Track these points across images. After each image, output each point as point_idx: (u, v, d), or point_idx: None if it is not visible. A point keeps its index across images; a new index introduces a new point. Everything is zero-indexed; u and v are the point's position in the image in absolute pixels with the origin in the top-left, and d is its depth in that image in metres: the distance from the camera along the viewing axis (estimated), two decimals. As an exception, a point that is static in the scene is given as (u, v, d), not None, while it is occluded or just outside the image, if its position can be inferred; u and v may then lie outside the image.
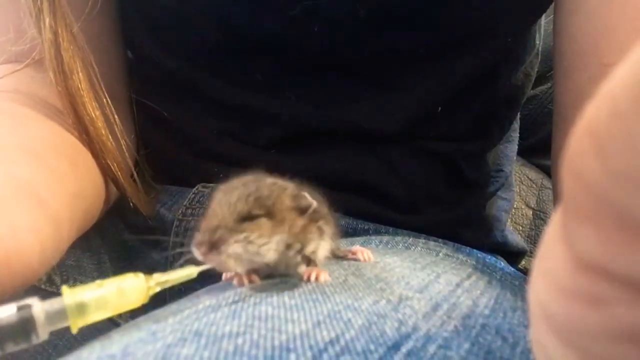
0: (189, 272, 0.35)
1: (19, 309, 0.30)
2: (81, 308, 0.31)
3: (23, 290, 0.35)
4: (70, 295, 0.31)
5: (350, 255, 0.45)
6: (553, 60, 0.57)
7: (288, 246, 0.37)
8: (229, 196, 0.36)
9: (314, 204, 0.37)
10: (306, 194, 0.37)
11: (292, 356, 0.27)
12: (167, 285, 0.35)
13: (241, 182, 0.37)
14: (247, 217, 0.35)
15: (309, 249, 0.37)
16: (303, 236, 0.37)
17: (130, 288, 0.33)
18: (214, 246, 0.34)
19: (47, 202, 0.41)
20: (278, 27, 0.56)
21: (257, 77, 0.60)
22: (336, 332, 0.30)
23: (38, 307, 0.30)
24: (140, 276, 0.33)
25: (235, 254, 0.35)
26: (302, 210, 0.37)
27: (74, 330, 0.31)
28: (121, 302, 0.33)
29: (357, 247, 0.46)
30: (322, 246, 0.39)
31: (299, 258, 0.38)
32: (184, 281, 0.35)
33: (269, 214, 0.36)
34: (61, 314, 0.31)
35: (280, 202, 0.37)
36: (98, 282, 0.32)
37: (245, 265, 0.36)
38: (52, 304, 0.31)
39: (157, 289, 0.34)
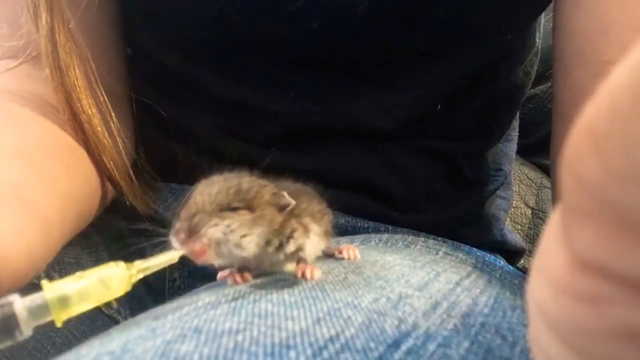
0: (171, 256, 0.35)
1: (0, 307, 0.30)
2: (63, 301, 0.31)
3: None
4: (51, 289, 0.31)
5: (337, 254, 0.45)
6: (553, 58, 0.57)
7: (268, 242, 0.36)
8: (209, 188, 0.36)
9: (293, 202, 0.37)
10: (285, 193, 0.37)
11: (292, 353, 0.27)
12: (149, 272, 0.34)
13: (222, 177, 0.37)
14: (227, 209, 0.35)
15: (290, 247, 0.37)
16: (283, 233, 0.37)
17: (111, 277, 0.32)
18: (192, 232, 0.34)
19: (35, 205, 0.41)
20: (277, 23, 0.56)
21: (256, 74, 0.59)
22: (336, 329, 0.30)
23: (19, 303, 0.30)
24: (121, 264, 0.33)
25: (214, 239, 0.34)
26: (281, 208, 0.37)
27: (59, 324, 0.31)
28: (103, 292, 0.32)
29: (343, 245, 0.45)
30: (309, 244, 0.38)
31: (281, 256, 0.37)
32: (166, 266, 0.35)
33: (249, 208, 0.36)
34: (43, 308, 0.30)
35: (260, 197, 0.36)
36: (79, 273, 0.32)
37: (225, 258, 0.36)
38: (34, 299, 0.30)
39: (140, 276, 0.34)
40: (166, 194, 0.64)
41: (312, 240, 0.39)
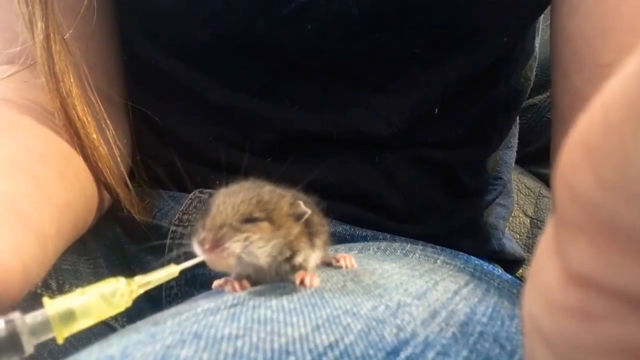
0: (171, 271, 0.35)
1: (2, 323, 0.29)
2: (65, 318, 0.31)
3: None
4: (53, 306, 0.31)
5: (334, 263, 0.45)
6: (551, 62, 0.57)
7: (281, 252, 0.37)
8: (232, 198, 0.37)
9: (309, 211, 0.38)
10: (301, 202, 0.38)
11: (292, 359, 0.27)
12: (150, 287, 0.34)
13: (243, 187, 0.38)
14: (249, 219, 0.36)
15: (298, 259, 0.38)
16: (296, 245, 0.38)
17: (112, 293, 0.33)
18: (217, 243, 0.35)
19: (31, 218, 0.41)
20: (270, 28, 0.56)
21: (251, 79, 0.60)
22: (335, 336, 0.30)
23: (20, 321, 0.30)
24: (121, 280, 0.33)
25: (235, 253, 0.35)
26: (297, 217, 0.38)
27: (60, 341, 0.31)
28: (105, 308, 0.32)
29: (340, 254, 0.46)
30: (312, 257, 0.40)
31: (287, 266, 0.38)
32: (166, 281, 0.35)
33: (269, 219, 0.37)
34: (45, 325, 0.30)
35: (279, 208, 0.38)
36: (79, 290, 0.32)
37: (241, 267, 0.37)
38: (35, 316, 0.30)
39: (141, 291, 0.34)
40: (163, 202, 0.63)
41: (316, 254, 0.40)
